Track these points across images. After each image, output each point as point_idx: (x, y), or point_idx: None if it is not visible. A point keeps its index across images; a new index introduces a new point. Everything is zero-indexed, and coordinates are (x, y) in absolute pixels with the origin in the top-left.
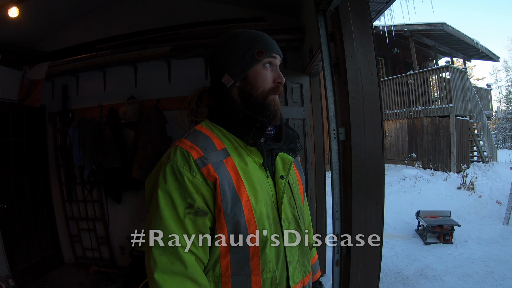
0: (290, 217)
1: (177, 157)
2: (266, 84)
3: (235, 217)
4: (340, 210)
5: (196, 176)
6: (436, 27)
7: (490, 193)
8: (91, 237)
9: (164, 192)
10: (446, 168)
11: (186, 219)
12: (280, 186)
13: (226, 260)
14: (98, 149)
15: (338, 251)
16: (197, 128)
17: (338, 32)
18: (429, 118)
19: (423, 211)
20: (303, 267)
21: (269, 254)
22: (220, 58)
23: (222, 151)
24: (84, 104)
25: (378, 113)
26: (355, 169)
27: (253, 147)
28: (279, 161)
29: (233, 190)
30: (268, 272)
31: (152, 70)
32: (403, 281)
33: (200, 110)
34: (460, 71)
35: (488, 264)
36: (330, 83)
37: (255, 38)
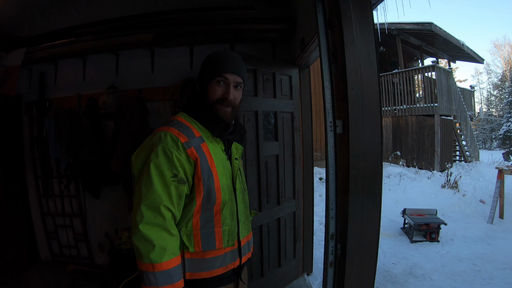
0: (240, 188)
1: (168, 139)
2: (215, 96)
3: (209, 185)
4: (335, 208)
5: (182, 155)
6: (423, 27)
7: (473, 192)
8: (68, 234)
9: (155, 165)
10: (430, 166)
11: (171, 185)
12: (235, 165)
13: (197, 218)
14: (75, 141)
15: (332, 252)
16: (178, 119)
17: (336, 19)
18: (414, 116)
19: (409, 209)
20: (247, 227)
21: (227, 212)
22: (200, 70)
23: (199, 137)
24: (63, 93)
25: (377, 106)
26: (353, 165)
27: (218, 138)
28: (234, 148)
29: (208, 166)
30: (226, 225)
31: (135, 58)
32: (392, 280)
33: (184, 102)
34: (446, 71)
35: (475, 263)
36: (328, 72)
37: (217, 61)
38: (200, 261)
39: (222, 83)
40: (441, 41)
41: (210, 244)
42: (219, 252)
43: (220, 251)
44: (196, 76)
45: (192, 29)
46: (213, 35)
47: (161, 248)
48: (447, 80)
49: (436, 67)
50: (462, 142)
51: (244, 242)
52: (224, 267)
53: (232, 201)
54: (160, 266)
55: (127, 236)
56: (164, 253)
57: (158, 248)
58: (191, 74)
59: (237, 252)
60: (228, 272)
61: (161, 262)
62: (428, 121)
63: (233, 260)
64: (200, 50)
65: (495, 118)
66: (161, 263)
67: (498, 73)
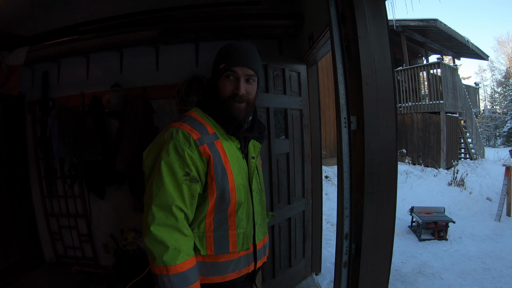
0: (257, 189)
1: (180, 136)
2: (225, 93)
3: (223, 185)
4: (350, 207)
5: (194, 152)
6: (428, 23)
7: (480, 189)
8: (72, 235)
9: (166, 163)
10: (436, 164)
11: (183, 184)
12: (252, 165)
13: (210, 219)
14: (79, 140)
15: (346, 252)
16: (191, 115)
17: (349, 12)
18: (419, 114)
19: (417, 207)
20: (263, 229)
21: (242, 214)
22: (213, 65)
23: (213, 134)
24: (66, 92)
25: (392, 101)
26: (368, 162)
27: (232, 136)
28: (251, 146)
29: (222, 164)
30: (241, 228)
31: (139, 56)
32: (402, 279)
33: (189, 99)
34: (451, 68)
35: (484, 261)
36: (341, 66)
37: (225, 53)
38: (212, 264)
39: (232, 78)
40: (446, 37)
41: (223, 247)
42: (233, 256)
43: (234, 255)
44: (202, 73)
45: (197, 26)
46: (219, 32)
47: (174, 250)
48: (453, 77)
49: (441, 64)
50: (467, 139)
51: (260, 246)
52: (237, 272)
53: (248, 202)
54: (175, 269)
55: (132, 237)
56: (178, 255)
57: (172, 250)
58: (197, 71)
59: (252, 257)
60: (242, 277)
61: (175, 265)
62: (434, 119)
63: (248, 264)
64: (206, 47)
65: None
66: (175, 265)
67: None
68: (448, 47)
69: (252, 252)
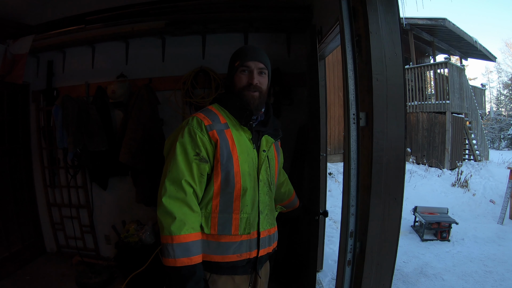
0: (265, 180)
1: (194, 122)
2: (241, 83)
3: (227, 168)
4: (356, 205)
5: (205, 135)
6: (437, 23)
7: (483, 191)
8: (74, 225)
9: (180, 144)
10: (440, 164)
11: (193, 163)
12: (261, 157)
13: (216, 201)
14: (83, 131)
15: (351, 250)
16: (208, 107)
17: (361, 6)
18: (425, 113)
19: (420, 207)
20: (270, 220)
21: (247, 200)
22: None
23: (224, 124)
24: (71, 82)
25: (402, 99)
26: (376, 159)
27: (245, 127)
28: (264, 140)
29: (228, 149)
30: (244, 213)
31: (145, 47)
32: (403, 279)
33: (195, 91)
34: (458, 68)
35: (486, 264)
36: (351, 62)
37: (238, 53)
38: (214, 244)
39: (246, 71)
40: (454, 37)
41: (226, 229)
42: (234, 239)
43: (236, 238)
44: (208, 66)
45: (205, 17)
46: (227, 24)
47: (180, 221)
48: (459, 77)
49: (448, 64)
50: (472, 140)
51: (264, 235)
52: (238, 255)
53: (254, 190)
54: (178, 239)
55: (134, 228)
56: (183, 227)
57: (178, 221)
58: (203, 63)
59: (255, 243)
60: (242, 261)
61: (179, 235)
62: (439, 118)
63: (249, 250)
64: (213, 39)
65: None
66: (179, 236)
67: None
68: (456, 47)
69: (256, 239)
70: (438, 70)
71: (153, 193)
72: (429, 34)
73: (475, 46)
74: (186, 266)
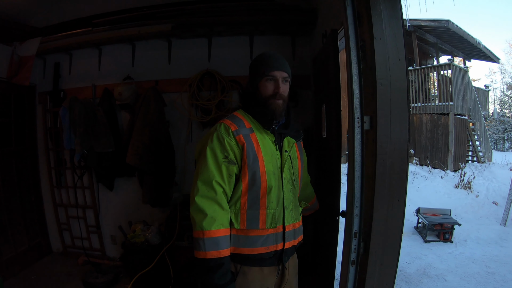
0: (288, 178)
1: (222, 128)
2: (267, 92)
3: (253, 168)
4: (360, 206)
5: (232, 140)
6: (440, 24)
7: (486, 193)
8: (80, 226)
9: (210, 148)
10: (443, 166)
11: (223, 165)
12: (284, 157)
13: (245, 199)
14: (90, 132)
15: (355, 250)
16: (234, 114)
17: (366, 12)
18: (428, 115)
19: (423, 208)
20: (295, 215)
21: (272, 197)
22: (249, 73)
23: (249, 128)
24: (77, 84)
25: (405, 102)
26: (380, 162)
27: (268, 130)
28: (286, 141)
29: (254, 152)
30: (270, 209)
31: (152, 49)
32: (406, 279)
33: (201, 94)
34: (461, 70)
35: (488, 265)
36: (356, 67)
37: (262, 61)
38: (243, 237)
39: (271, 80)
40: (457, 39)
41: (254, 223)
42: (262, 232)
43: (263, 232)
44: (214, 68)
45: (211, 20)
46: (233, 27)
47: (211, 218)
48: (463, 79)
49: (452, 65)
50: (475, 142)
51: (289, 229)
52: (265, 247)
53: (279, 188)
54: (209, 233)
55: (140, 229)
56: (214, 223)
57: (209, 218)
58: (209, 66)
59: (280, 236)
60: (269, 254)
61: (209, 230)
62: (443, 120)
63: (276, 243)
64: (219, 42)
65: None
66: (210, 231)
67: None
68: (459, 49)
69: (282, 233)
70: (441, 71)
71: (159, 194)
72: (432, 35)
73: (478, 48)
74: (215, 259)
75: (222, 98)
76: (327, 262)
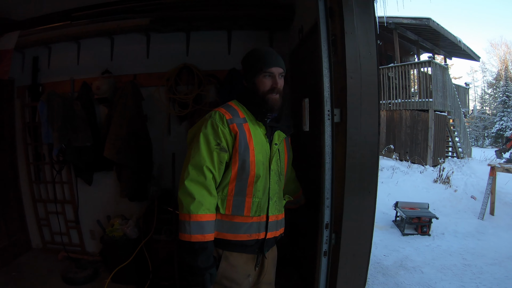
0: (276, 170)
1: (216, 116)
2: (265, 88)
3: (244, 157)
4: (331, 197)
5: (226, 128)
6: (421, 22)
7: (465, 188)
8: (59, 221)
9: (204, 134)
10: (422, 161)
11: (214, 151)
12: (274, 149)
13: (232, 185)
14: (68, 126)
15: (326, 241)
16: (229, 103)
17: (337, 7)
18: (408, 111)
19: (401, 202)
20: (278, 207)
21: (259, 186)
22: (243, 68)
23: (243, 118)
24: (56, 78)
25: (375, 96)
26: (350, 154)
27: (260, 122)
28: (276, 135)
29: (245, 141)
30: (256, 198)
31: (130, 43)
32: (383, 271)
33: (178, 88)
34: (441, 67)
35: (465, 257)
36: (327, 60)
37: (260, 57)
38: (227, 223)
39: (268, 76)
40: (438, 37)
41: (239, 210)
42: (246, 220)
43: (247, 219)
44: (192, 62)
45: (190, 14)
46: (211, 21)
47: (198, 202)
48: (443, 76)
49: (432, 63)
50: (455, 138)
51: (272, 219)
52: (248, 235)
53: (266, 178)
54: (195, 217)
55: (119, 223)
56: (201, 207)
57: (197, 202)
58: (187, 60)
59: (263, 226)
60: (251, 241)
61: (196, 214)
62: (422, 116)
63: (258, 231)
64: (197, 36)
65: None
66: (196, 215)
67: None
68: (440, 47)
69: (265, 222)
70: (422, 68)
71: (137, 188)
72: (413, 33)
73: (459, 46)
74: (200, 242)
75: (199, 92)
76: (308, 254)
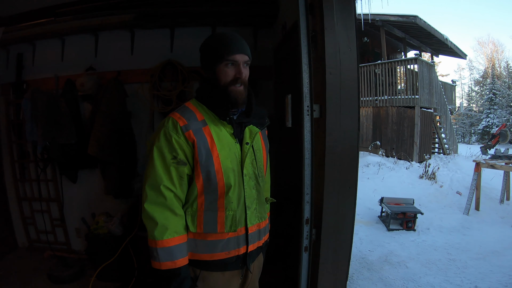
0: (251, 173)
1: (169, 124)
2: (227, 78)
3: (207, 167)
4: (310, 193)
5: (181, 137)
6: (408, 19)
7: (450, 183)
8: (45, 219)
9: (157, 148)
10: (408, 157)
11: (171, 166)
12: (245, 150)
13: (201, 199)
14: (52, 123)
15: (307, 237)
16: (186, 104)
17: (317, 3)
18: (394, 107)
19: (386, 197)
20: (259, 214)
21: (232, 197)
22: (202, 55)
23: (202, 121)
24: (40, 75)
25: (355, 92)
26: (329, 149)
27: (224, 121)
28: (247, 131)
29: (207, 148)
30: (230, 210)
31: (114, 40)
32: (368, 266)
33: (162, 84)
34: (428, 64)
35: (450, 252)
36: (306, 56)
37: (221, 43)
38: (201, 242)
39: (231, 65)
40: (425, 34)
41: (211, 227)
42: (221, 236)
43: (222, 235)
44: (176, 58)
45: (174, 11)
46: (196, 18)
47: (162, 226)
48: (429, 73)
49: (418, 60)
50: (441, 134)
51: (253, 230)
52: (226, 252)
53: (239, 186)
54: (161, 243)
55: (103, 220)
56: (166, 231)
57: (160, 226)
58: (171, 56)
59: (243, 239)
60: (232, 258)
61: (162, 240)
62: (409, 113)
63: (238, 246)
64: (181, 33)
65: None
66: (162, 240)
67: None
68: (427, 44)
69: (244, 235)
70: (408, 65)
71: (122, 185)
72: (400, 30)
73: (445, 43)
74: (170, 269)
75: (183, 89)
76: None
